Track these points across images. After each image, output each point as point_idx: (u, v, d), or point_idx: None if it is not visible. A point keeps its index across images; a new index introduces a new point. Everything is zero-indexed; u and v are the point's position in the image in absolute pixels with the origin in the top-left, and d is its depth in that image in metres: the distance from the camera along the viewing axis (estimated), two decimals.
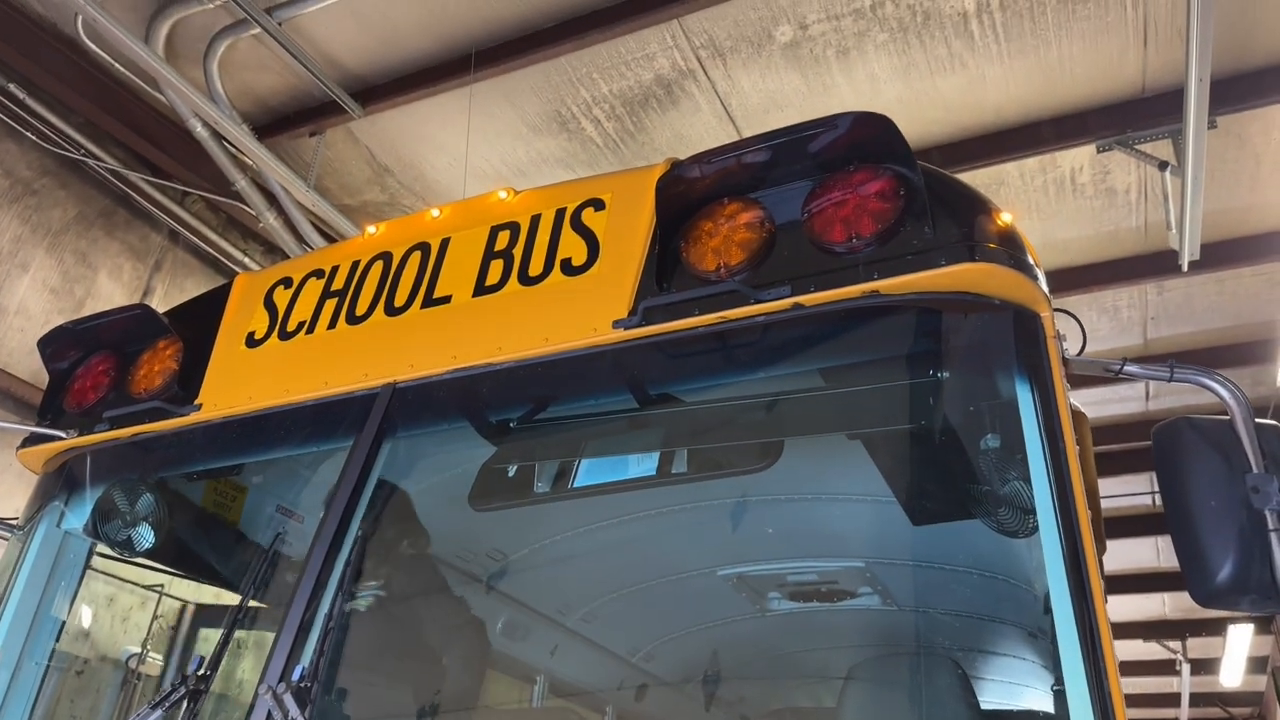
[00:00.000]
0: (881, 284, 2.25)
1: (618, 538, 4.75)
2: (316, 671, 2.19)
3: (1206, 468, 2.09)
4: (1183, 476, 2.12)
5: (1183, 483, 2.12)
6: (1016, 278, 2.23)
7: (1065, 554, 2.00)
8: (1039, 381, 2.17)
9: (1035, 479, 2.09)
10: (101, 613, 6.14)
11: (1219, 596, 2.00)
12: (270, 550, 3.00)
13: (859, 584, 5.34)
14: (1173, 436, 2.18)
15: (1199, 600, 2.08)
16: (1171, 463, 2.15)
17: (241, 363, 3.19)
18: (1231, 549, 2.00)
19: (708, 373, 2.55)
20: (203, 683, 2.34)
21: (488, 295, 2.81)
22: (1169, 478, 2.14)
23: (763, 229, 2.47)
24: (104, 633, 6.19)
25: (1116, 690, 1.89)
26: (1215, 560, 2.00)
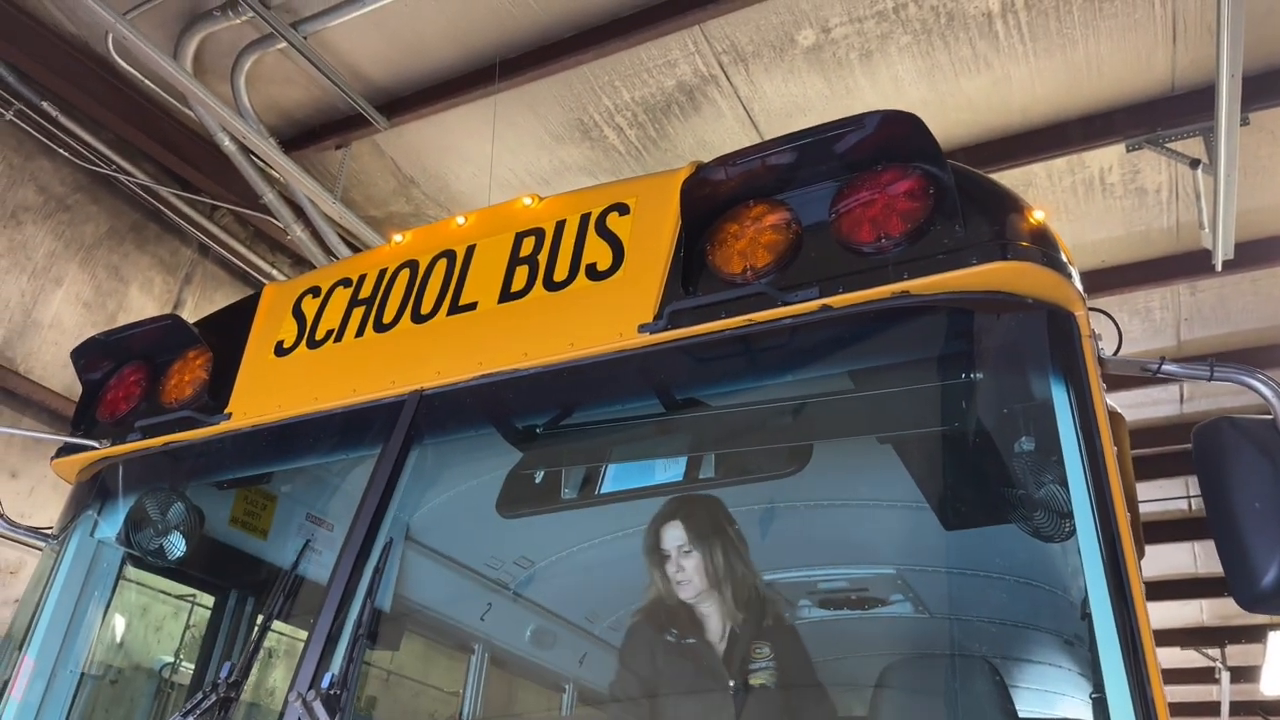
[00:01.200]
0: (912, 284, 2.22)
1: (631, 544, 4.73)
2: (346, 679, 2.18)
3: (1249, 468, 2.04)
4: (1224, 478, 2.07)
5: (1225, 484, 2.07)
6: (1050, 276, 2.19)
7: (1104, 558, 1.96)
8: (1074, 382, 2.13)
9: (1072, 482, 2.05)
10: (135, 622, 6.20)
11: (1264, 600, 1.95)
12: (300, 558, 3.01)
13: (890, 591, 5.27)
14: (1213, 437, 2.13)
15: (1244, 604, 2.02)
16: (1213, 464, 2.10)
17: (271, 371, 3.21)
18: (1277, 551, 1.94)
19: (735, 377, 2.53)
20: (233, 690, 2.35)
21: (513, 301, 2.81)
22: (1210, 479, 2.09)
23: (789, 230, 2.45)
24: (138, 642, 6.24)
25: (1160, 698, 1.84)
26: (1260, 563, 1.95)
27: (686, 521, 3.27)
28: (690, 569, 3.22)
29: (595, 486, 3.14)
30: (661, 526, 3.27)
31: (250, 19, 6.20)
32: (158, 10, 6.21)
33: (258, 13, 6.08)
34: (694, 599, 3.23)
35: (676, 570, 3.22)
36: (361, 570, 2.44)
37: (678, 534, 3.27)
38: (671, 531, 3.27)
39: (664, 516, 3.28)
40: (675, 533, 3.27)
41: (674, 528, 3.26)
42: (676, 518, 3.27)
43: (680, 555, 3.23)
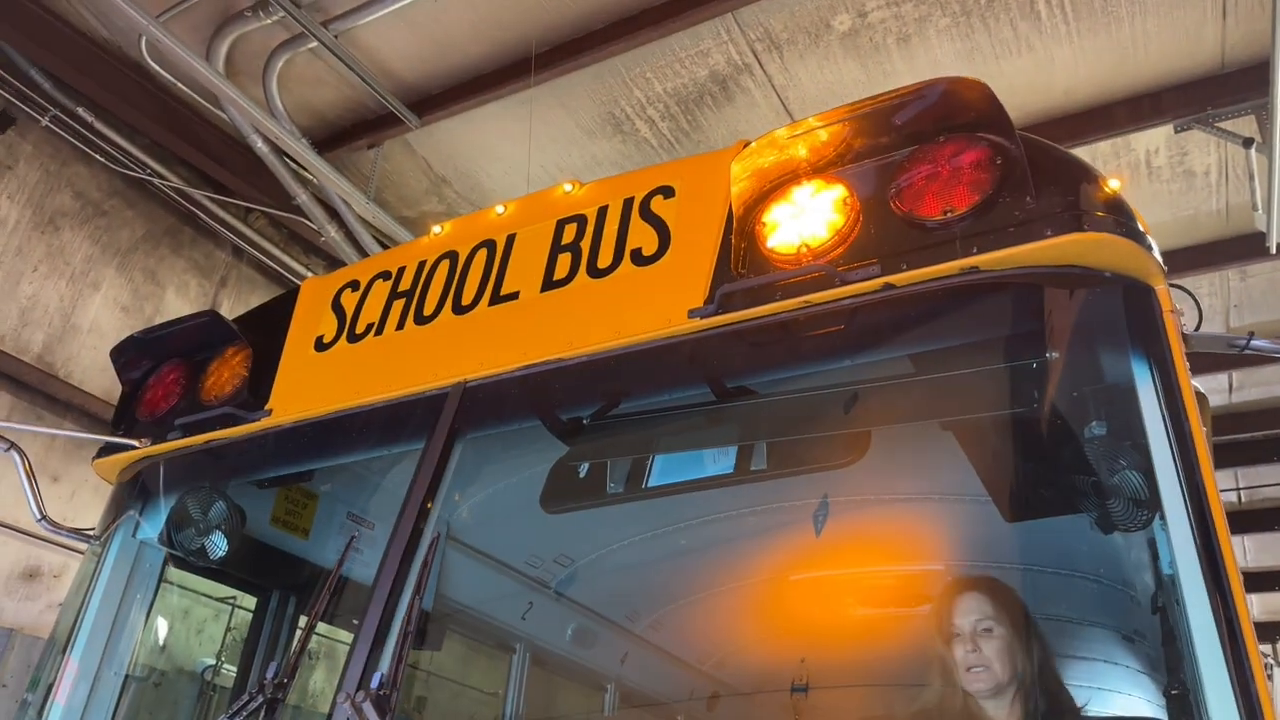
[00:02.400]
0: (981, 259, 2.10)
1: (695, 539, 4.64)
2: (395, 678, 2.11)
3: None
4: None
5: None
6: (1129, 247, 2.07)
7: (1199, 546, 1.83)
8: (1158, 360, 2.00)
9: (1160, 467, 1.92)
10: (177, 625, 6.19)
11: None
12: (342, 557, 2.94)
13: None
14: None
15: None
16: None
17: (311, 367, 3.15)
18: None
19: (791, 362, 2.42)
20: (280, 690, 2.29)
21: (556, 290, 2.73)
22: None
23: (847, 207, 2.34)
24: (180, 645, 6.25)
25: (1264, 692, 1.72)
26: None
27: (991, 594, 2.87)
28: (990, 653, 2.77)
29: (643, 480, 3.05)
30: (956, 596, 2.87)
31: (281, 19, 6.18)
32: (190, 13, 6.21)
33: (288, 12, 6.06)
34: (988, 694, 2.77)
35: (971, 654, 2.77)
36: (408, 567, 2.37)
37: (979, 606, 2.83)
38: (970, 602, 2.84)
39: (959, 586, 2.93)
40: (975, 604, 2.84)
41: (973, 599, 2.85)
42: (977, 589, 2.89)
43: (980, 635, 2.80)
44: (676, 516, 4.76)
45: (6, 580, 6.08)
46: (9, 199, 6.41)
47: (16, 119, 6.48)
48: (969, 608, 2.84)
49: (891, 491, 3.41)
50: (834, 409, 2.55)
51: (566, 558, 5.54)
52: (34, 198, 6.57)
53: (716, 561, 5.15)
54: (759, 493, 3.43)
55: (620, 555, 5.24)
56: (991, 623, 2.80)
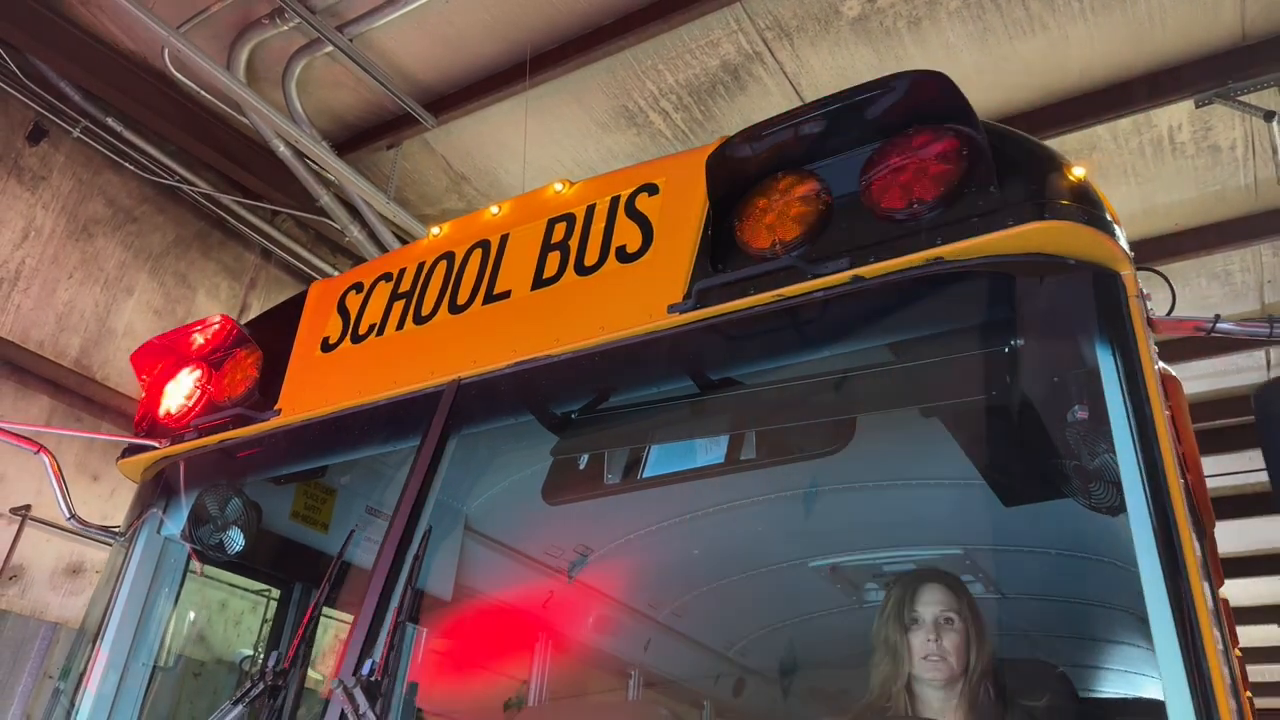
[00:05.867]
0: (946, 249, 2.14)
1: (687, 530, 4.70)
2: (387, 665, 2.21)
3: None
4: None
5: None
6: (1092, 235, 2.09)
7: (1156, 530, 1.85)
8: (1121, 345, 2.03)
9: (1121, 450, 1.95)
10: (215, 617, 6.39)
11: None
12: (354, 549, 3.06)
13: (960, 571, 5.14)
14: (1274, 398, 2.01)
15: None
16: (1275, 426, 1.98)
17: (318, 367, 3.26)
18: None
19: (769, 354, 2.48)
20: (281, 678, 2.40)
21: (545, 288, 2.80)
22: (1273, 443, 1.97)
23: (819, 201, 2.38)
24: (219, 636, 6.46)
25: (1218, 675, 1.74)
26: None
27: (953, 587, 2.92)
28: (948, 644, 2.82)
29: (638, 471, 3.12)
30: (919, 585, 2.92)
31: (297, 25, 6.32)
32: (210, 22, 6.38)
33: (303, 18, 6.20)
34: (940, 684, 2.83)
35: (929, 643, 2.83)
36: (403, 559, 2.47)
37: (942, 597, 2.88)
38: (934, 592, 2.90)
39: (921, 577, 2.97)
40: (938, 595, 2.90)
41: (936, 590, 2.91)
42: (941, 581, 2.95)
43: (941, 626, 2.86)
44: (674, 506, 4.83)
45: (51, 576, 6.33)
46: (44, 208, 6.64)
47: (49, 131, 6.70)
48: (932, 598, 2.89)
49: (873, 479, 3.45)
50: (814, 398, 2.60)
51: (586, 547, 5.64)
52: (67, 206, 6.79)
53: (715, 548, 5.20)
54: (750, 482, 3.49)
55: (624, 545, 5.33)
56: (953, 615, 2.87)
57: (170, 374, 3.63)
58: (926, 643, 2.87)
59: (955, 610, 2.93)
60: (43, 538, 6.16)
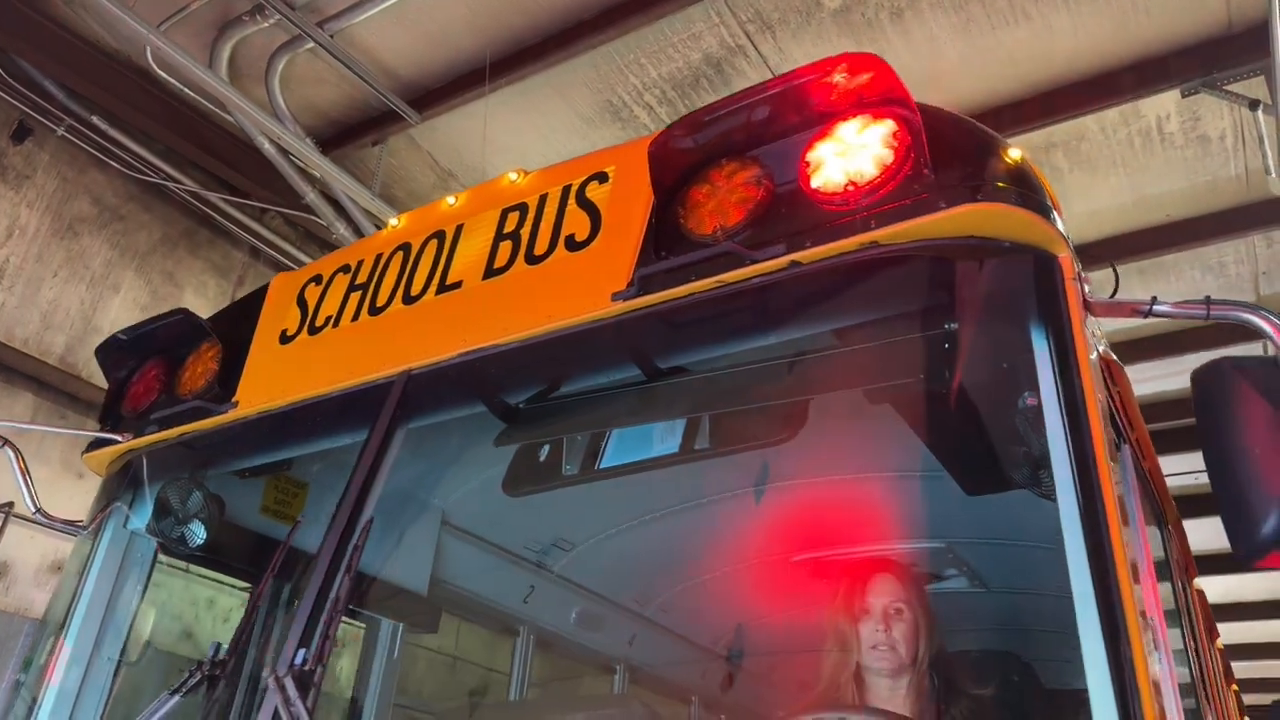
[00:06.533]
0: (880, 234, 2.12)
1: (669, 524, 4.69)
2: (322, 656, 2.20)
3: (1249, 411, 1.89)
4: (1223, 421, 1.92)
5: (1223, 428, 1.92)
6: (1027, 217, 2.06)
7: (1083, 517, 1.82)
8: (1057, 328, 2.00)
9: (1051, 434, 1.92)
10: (202, 614, 6.39)
11: (1264, 550, 1.80)
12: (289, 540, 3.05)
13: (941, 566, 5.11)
14: (1212, 378, 1.98)
15: (1242, 557, 1.87)
16: (1211, 407, 1.95)
17: (275, 360, 3.26)
18: (1276, 498, 1.80)
19: (713, 341, 2.46)
20: (218, 668, 2.40)
21: (496, 277, 2.79)
22: (1208, 423, 1.95)
23: (760, 187, 2.36)
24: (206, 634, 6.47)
25: (1143, 672, 1.69)
26: (1259, 511, 1.80)
27: (904, 577, 2.97)
28: (899, 635, 2.86)
29: (595, 462, 3.11)
30: (872, 575, 2.96)
31: (278, 21, 6.32)
32: (191, 19, 6.38)
33: (283, 14, 6.20)
34: (887, 674, 2.86)
35: (878, 633, 2.87)
36: (345, 550, 2.46)
37: (893, 588, 2.93)
38: (885, 583, 2.94)
39: (875, 565, 3.01)
40: (887, 585, 2.94)
41: (886, 581, 2.95)
42: (892, 571, 3.00)
43: (890, 616, 2.90)
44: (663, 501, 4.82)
45: (36, 573, 6.36)
46: (28, 207, 6.66)
47: (33, 130, 6.72)
48: (884, 588, 2.92)
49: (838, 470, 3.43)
50: (759, 386, 2.58)
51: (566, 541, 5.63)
52: (52, 205, 6.81)
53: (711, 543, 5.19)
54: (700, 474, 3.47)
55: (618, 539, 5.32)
56: (902, 605, 2.89)
57: (134, 368, 3.64)
58: (875, 632, 2.91)
59: (905, 601, 2.96)
60: (26, 535, 6.18)
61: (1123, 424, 2.53)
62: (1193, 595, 3.99)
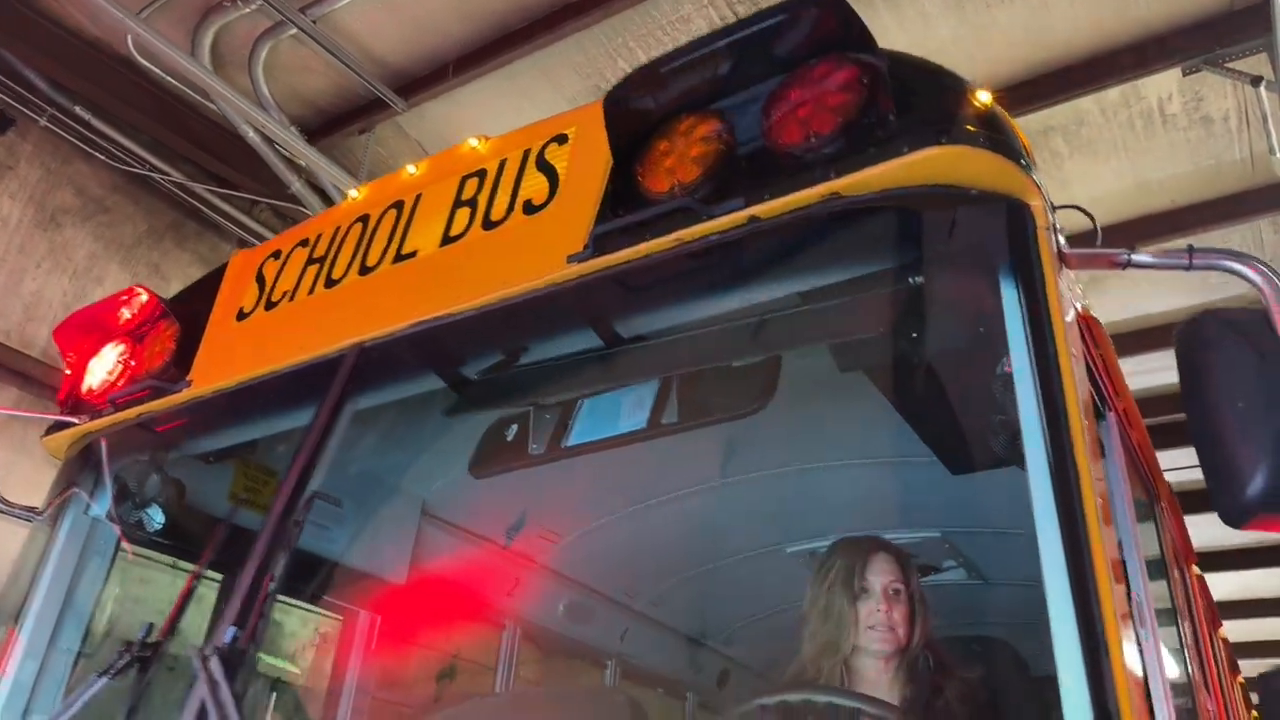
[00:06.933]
0: (841, 183, 1.99)
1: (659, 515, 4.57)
2: (254, 634, 2.09)
3: (1234, 366, 1.76)
4: (1207, 378, 1.79)
5: (1207, 385, 1.79)
6: (996, 162, 1.93)
7: (1056, 489, 1.67)
8: (1028, 282, 1.87)
9: (1022, 396, 1.78)
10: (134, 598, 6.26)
11: (1250, 512, 1.67)
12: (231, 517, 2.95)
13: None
14: (1196, 334, 1.85)
15: (1229, 520, 1.74)
16: (1195, 364, 1.82)
17: (231, 337, 3.15)
18: (1263, 455, 1.66)
19: (673, 304, 2.34)
20: (148, 649, 2.30)
21: (452, 245, 2.68)
22: (1192, 382, 1.82)
23: (719, 141, 2.24)
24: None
25: (1118, 659, 1.54)
26: (1244, 470, 1.67)
27: (903, 558, 2.89)
28: (898, 617, 2.77)
29: (562, 440, 2.98)
30: (870, 554, 2.87)
31: (260, 7, 6.22)
32: (173, 7, 6.29)
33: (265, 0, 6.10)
34: (883, 656, 2.76)
35: (877, 613, 2.78)
36: (284, 528, 2.35)
37: (893, 568, 2.84)
38: (883, 563, 2.85)
39: (871, 546, 2.91)
40: (889, 566, 2.85)
41: (887, 560, 2.86)
42: (890, 551, 2.91)
43: (890, 597, 2.81)
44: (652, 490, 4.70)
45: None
46: (10, 198, 6.58)
47: (15, 120, 6.64)
48: (884, 567, 2.81)
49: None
50: (723, 352, 2.46)
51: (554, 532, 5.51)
52: (35, 196, 6.73)
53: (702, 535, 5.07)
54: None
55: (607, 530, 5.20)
56: (901, 586, 2.80)
57: (93, 349, 3.54)
58: (875, 613, 2.80)
59: (904, 581, 2.86)
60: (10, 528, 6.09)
61: (1107, 390, 2.40)
62: (1191, 580, 3.84)
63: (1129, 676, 1.55)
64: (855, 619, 2.77)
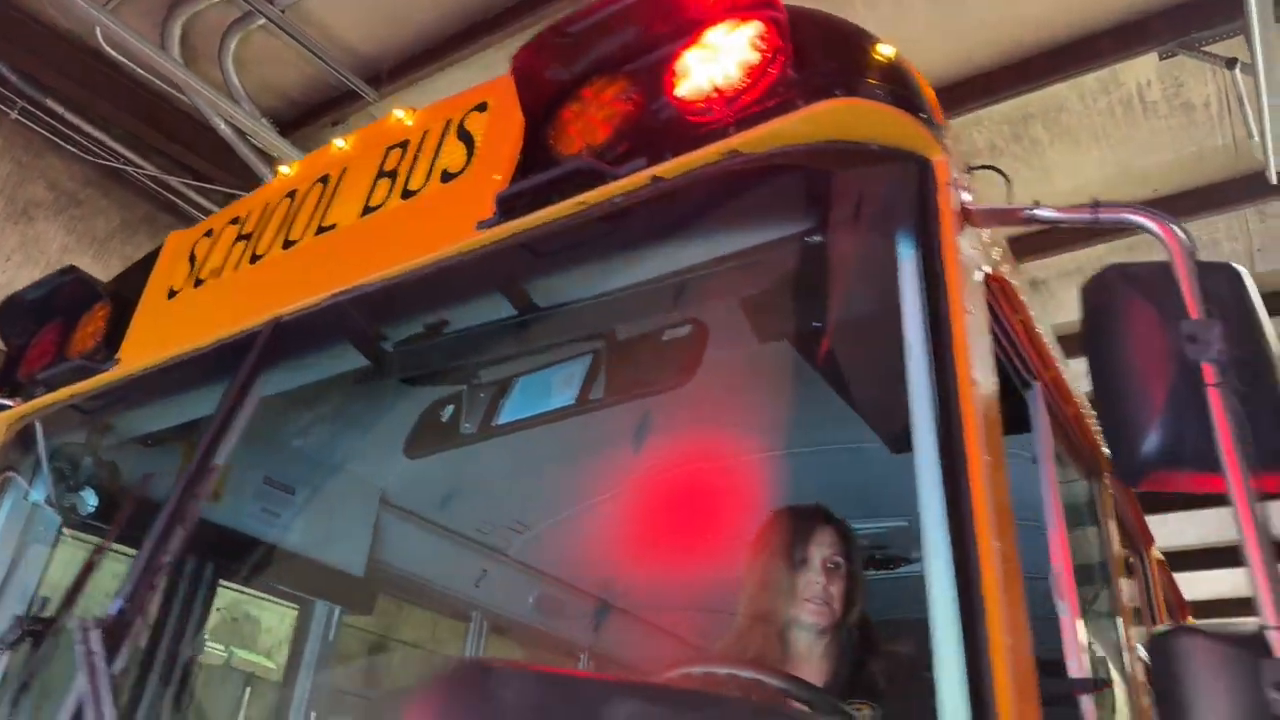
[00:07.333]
0: (740, 139, 1.93)
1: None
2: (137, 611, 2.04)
3: (1135, 321, 1.69)
4: (1109, 334, 1.73)
5: (1108, 341, 1.72)
6: (894, 116, 1.87)
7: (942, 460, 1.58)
8: (924, 239, 1.80)
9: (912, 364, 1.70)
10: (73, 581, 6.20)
11: (1149, 468, 1.60)
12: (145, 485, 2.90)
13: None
14: (1100, 289, 1.79)
15: (1128, 478, 1.68)
16: (1097, 321, 1.76)
17: (160, 315, 3.12)
18: (1161, 411, 1.60)
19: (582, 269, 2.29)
20: (40, 624, 2.25)
21: (370, 215, 2.64)
22: (1094, 338, 1.75)
23: (627, 102, 2.18)
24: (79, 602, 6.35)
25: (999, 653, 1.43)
26: (1142, 426, 1.60)
27: (844, 532, 2.84)
28: (835, 590, 2.74)
29: (494, 418, 2.93)
30: (812, 525, 2.83)
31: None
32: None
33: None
34: (817, 629, 2.72)
35: (814, 585, 2.73)
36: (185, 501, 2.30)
37: (834, 540, 2.80)
38: (825, 536, 2.80)
39: (813, 516, 2.87)
40: (831, 539, 2.81)
41: (829, 533, 2.82)
42: (831, 523, 2.86)
43: (828, 570, 2.77)
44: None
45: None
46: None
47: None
48: (825, 540, 2.74)
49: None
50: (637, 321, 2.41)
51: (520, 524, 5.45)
52: (6, 189, 6.71)
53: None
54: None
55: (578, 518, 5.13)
56: (841, 560, 2.72)
57: (30, 331, 3.50)
58: (812, 584, 2.74)
59: (844, 555, 2.79)
60: None
61: (1031, 360, 2.33)
62: (1151, 568, 3.75)
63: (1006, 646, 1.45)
64: (793, 590, 2.71)
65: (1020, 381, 2.32)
